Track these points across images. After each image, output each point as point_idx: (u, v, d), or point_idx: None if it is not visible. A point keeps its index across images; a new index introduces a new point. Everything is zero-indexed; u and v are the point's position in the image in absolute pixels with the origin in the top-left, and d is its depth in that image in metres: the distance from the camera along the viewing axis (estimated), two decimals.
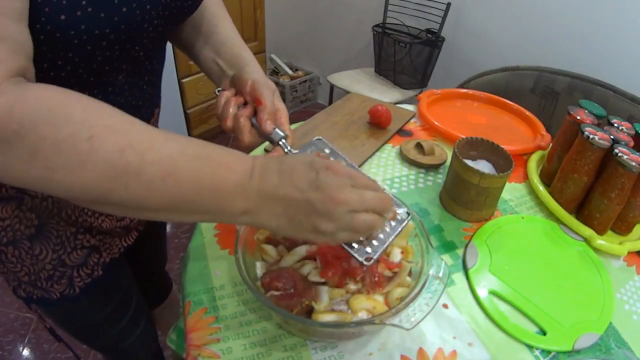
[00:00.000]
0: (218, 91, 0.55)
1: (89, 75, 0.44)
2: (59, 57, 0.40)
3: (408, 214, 0.48)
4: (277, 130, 0.51)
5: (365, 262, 0.43)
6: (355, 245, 0.44)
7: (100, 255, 0.61)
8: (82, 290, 0.61)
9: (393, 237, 0.46)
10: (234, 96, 0.53)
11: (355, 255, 0.44)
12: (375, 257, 0.44)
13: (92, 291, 0.62)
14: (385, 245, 0.45)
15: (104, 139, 0.33)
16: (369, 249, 0.44)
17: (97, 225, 0.58)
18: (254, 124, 0.51)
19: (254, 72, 0.55)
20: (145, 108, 0.57)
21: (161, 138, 0.36)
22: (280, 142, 0.51)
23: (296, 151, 0.51)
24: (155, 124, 0.62)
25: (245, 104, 0.53)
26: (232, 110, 0.51)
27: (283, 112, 0.53)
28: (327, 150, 0.51)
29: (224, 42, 0.60)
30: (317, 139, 0.52)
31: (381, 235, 0.46)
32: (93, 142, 0.33)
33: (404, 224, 0.47)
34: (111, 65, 0.46)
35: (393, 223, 0.47)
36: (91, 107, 0.35)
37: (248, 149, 0.63)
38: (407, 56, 1.97)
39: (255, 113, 0.52)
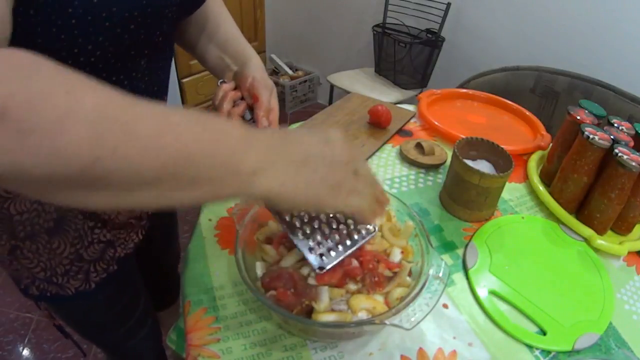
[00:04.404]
0: (220, 82, 0.57)
1: (116, 59, 0.46)
2: (90, 42, 0.41)
3: (375, 229, 0.49)
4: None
5: (318, 271, 0.45)
6: (312, 254, 0.45)
7: (115, 250, 0.62)
8: (97, 285, 0.61)
9: (350, 250, 0.47)
10: (232, 90, 0.55)
11: (311, 260, 0.45)
12: (327, 267, 0.45)
13: (106, 287, 0.63)
14: (341, 258, 0.46)
15: (84, 93, 0.27)
16: (325, 259, 0.45)
17: (112, 219, 0.59)
18: (247, 119, 0.54)
19: (256, 69, 0.57)
20: (159, 94, 0.59)
21: (142, 100, 0.30)
22: None
23: None
24: None
25: (242, 98, 0.55)
26: (226, 106, 0.54)
27: (275, 112, 0.55)
28: None
29: (228, 39, 0.63)
30: None
31: (340, 247, 0.47)
32: (71, 96, 0.27)
33: (365, 239, 0.48)
34: (136, 49, 0.48)
35: (356, 236, 0.48)
36: (59, 67, 0.29)
37: None
38: (407, 56, 1.97)
39: (250, 108, 0.54)
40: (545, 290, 0.61)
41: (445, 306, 0.58)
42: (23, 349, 1.37)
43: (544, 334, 0.55)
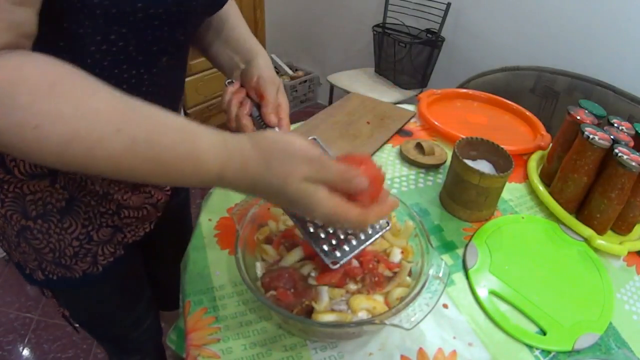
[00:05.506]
0: (227, 83, 0.58)
1: (137, 53, 0.47)
2: (113, 32, 0.42)
3: (388, 223, 0.48)
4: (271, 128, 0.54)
5: (331, 266, 0.44)
6: (325, 247, 0.45)
7: (125, 236, 0.63)
8: (104, 269, 0.61)
9: (365, 245, 0.46)
10: (238, 91, 0.56)
11: (324, 257, 0.44)
12: (341, 262, 0.44)
13: (113, 271, 0.63)
14: (355, 253, 0.45)
15: (50, 130, 0.31)
16: (338, 253, 0.45)
17: (125, 202, 0.59)
18: (254, 117, 0.54)
19: (262, 67, 0.58)
20: (177, 91, 0.60)
21: (114, 123, 0.33)
22: None
23: None
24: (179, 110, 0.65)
25: (249, 96, 0.56)
26: (234, 110, 0.55)
27: (284, 107, 0.56)
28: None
29: (239, 39, 0.64)
30: (312, 139, 0.52)
31: (354, 242, 0.46)
32: (39, 132, 0.31)
33: (380, 234, 0.47)
34: (158, 45, 0.48)
35: (370, 230, 0.47)
36: (39, 89, 0.32)
37: None
38: (407, 56, 1.97)
39: (258, 106, 0.55)
40: (545, 290, 0.61)
41: (445, 306, 0.58)
42: (23, 349, 1.37)
43: (544, 334, 0.55)
